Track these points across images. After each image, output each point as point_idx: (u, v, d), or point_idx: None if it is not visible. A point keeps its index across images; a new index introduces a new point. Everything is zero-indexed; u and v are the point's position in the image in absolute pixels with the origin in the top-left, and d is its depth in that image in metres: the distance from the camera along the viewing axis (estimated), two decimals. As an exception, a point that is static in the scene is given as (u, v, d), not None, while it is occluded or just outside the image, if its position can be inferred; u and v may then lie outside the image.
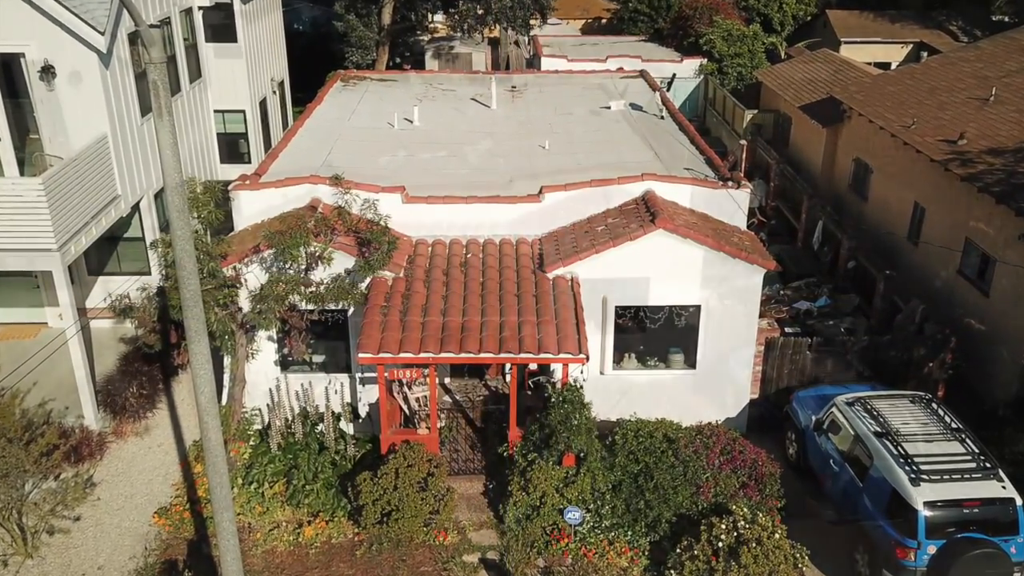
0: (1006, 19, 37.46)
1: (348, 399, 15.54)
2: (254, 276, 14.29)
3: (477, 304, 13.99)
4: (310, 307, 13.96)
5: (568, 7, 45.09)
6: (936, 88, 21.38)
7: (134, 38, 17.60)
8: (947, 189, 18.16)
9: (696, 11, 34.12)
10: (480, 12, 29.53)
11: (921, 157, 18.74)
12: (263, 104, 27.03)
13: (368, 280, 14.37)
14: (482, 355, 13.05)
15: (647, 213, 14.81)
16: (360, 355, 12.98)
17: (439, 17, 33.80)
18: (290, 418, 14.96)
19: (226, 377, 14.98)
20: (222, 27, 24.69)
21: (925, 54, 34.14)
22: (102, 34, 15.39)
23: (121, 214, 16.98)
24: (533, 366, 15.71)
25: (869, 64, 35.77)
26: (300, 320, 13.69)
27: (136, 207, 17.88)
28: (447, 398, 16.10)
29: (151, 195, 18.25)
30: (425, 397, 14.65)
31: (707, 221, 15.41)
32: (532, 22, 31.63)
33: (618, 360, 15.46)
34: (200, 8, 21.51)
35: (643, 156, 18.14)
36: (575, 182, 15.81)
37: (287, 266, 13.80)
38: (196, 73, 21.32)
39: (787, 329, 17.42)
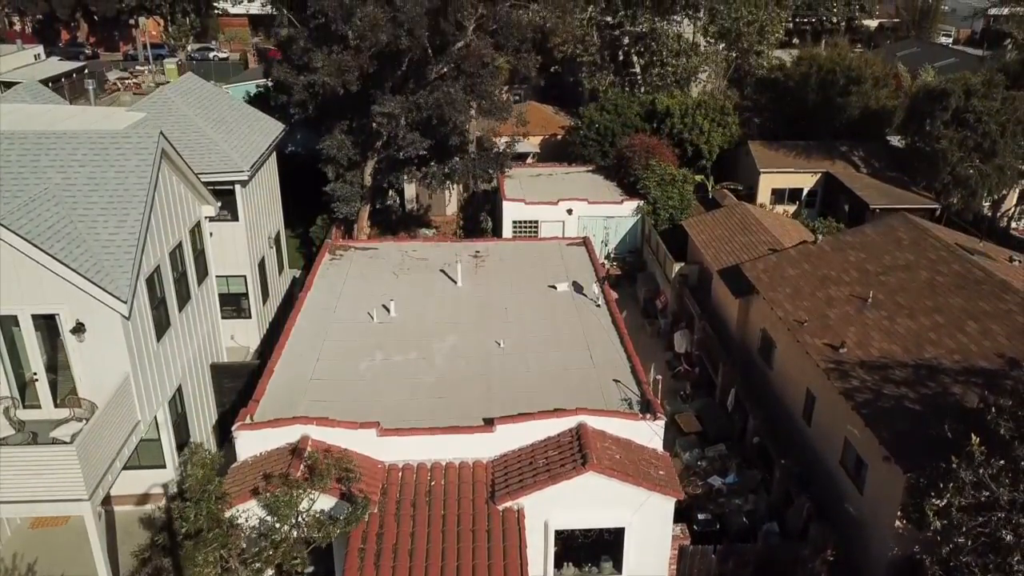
0: (902, 139, 39.02)
1: (334, 605, 16.60)
2: (253, 515, 15.29)
3: (438, 544, 15.12)
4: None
5: (529, 124, 46.32)
6: (827, 278, 22.79)
7: (151, 281, 18.49)
8: (831, 390, 19.47)
9: (635, 153, 35.54)
10: (446, 172, 30.64)
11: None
12: (261, 264, 27.89)
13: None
14: (442, 604, 14.22)
15: (579, 453, 16.02)
16: (342, 606, 14.08)
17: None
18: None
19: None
20: (225, 204, 25.45)
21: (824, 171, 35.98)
22: (124, 302, 16.30)
23: (141, 435, 17.90)
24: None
25: (783, 196, 37.65)
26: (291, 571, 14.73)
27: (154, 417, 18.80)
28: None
29: (166, 404, 19.14)
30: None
31: (629, 450, 16.65)
32: (491, 173, 32.76)
33: (559, 566, 16.65)
34: (207, 218, 22.29)
35: (581, 358, 19.58)
36: (523, 413, 17.04)
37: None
38: (203, 273, 22.13)
39: (700, 515, 18.77)
